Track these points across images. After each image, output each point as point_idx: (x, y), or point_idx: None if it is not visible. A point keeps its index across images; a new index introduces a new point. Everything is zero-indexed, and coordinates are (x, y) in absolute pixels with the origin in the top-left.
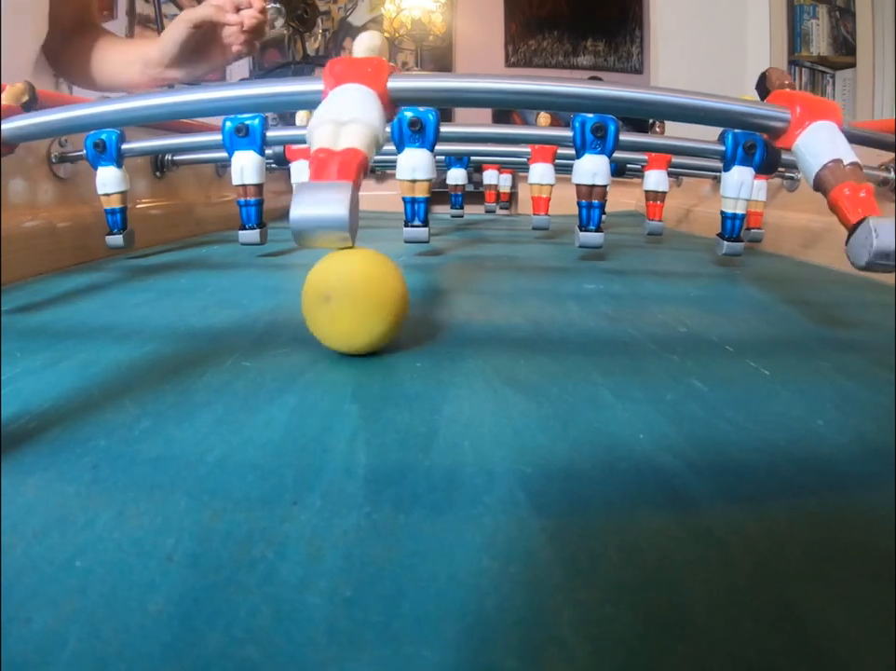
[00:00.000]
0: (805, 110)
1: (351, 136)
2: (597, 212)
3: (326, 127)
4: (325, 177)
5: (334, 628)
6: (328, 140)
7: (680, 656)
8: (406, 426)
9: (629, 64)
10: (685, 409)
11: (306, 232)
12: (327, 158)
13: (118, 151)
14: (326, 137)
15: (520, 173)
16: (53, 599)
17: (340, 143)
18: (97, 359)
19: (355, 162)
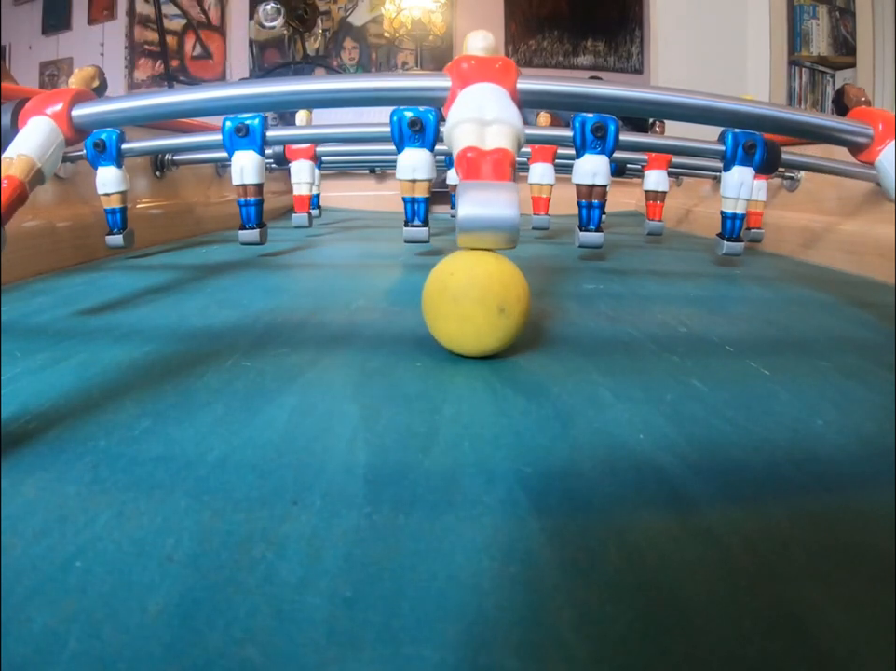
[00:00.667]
0: (886, 127)
1: (499, 136)
2: (597, 211)
3: (469, 126)
4: (480, 176)
5: (334, 628)
6: (474, 139)
7: (680, 656)
8: (406, 426)
9: (629, 64)
10: (685, 409)
11: (475, 232)
12: (478, 158)
13: (118, 151)
14: (471, 136)
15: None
16: (53, 599)
17: (488, 143)
18: (97, 359)
19: (507, 162)
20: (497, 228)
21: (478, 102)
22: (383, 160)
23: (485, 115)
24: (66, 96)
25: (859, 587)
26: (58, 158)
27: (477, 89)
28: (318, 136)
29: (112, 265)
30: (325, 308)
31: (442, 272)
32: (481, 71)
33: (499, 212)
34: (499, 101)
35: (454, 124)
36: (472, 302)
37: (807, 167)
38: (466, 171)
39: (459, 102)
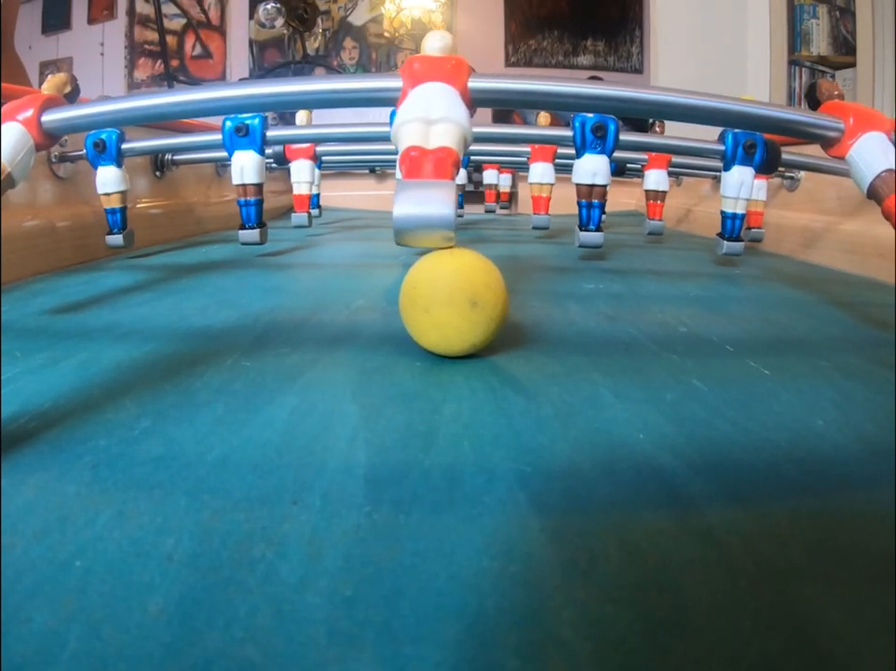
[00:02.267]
0: (858, 121)
1: (443, 135)
2: (597, 211)
3: (414, 125)
4: (421, 175)
5: (334, 628)
6: (418, 138)
7: (680, 656)
8: (406, 425)
9: (629, 64)
10: (685, 409)
11: (410, 231)
12: (420, 157)
13: (118, 151)
14: (416, 135)
15: (520, 173)
16: (53, 599)
17: (432, 142)
18: (97, 359)
19: (450, 161)
20: (432, 226)
21: (425, 102)
22: (383, 160)
23: (431, 114)
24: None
25: (859, 587)
26: (28, 163)
27: (425, 88)
28: (318, 136)
29: (112, 265)
30: (325, 308)
31: (407, 287)
32: (432, 70)
33: (434, 211)
34: (447, 100)
35: (399, 123)
36: (442, 307)
37: (808, 167)
38: (407, 170)
39: (407, 102)
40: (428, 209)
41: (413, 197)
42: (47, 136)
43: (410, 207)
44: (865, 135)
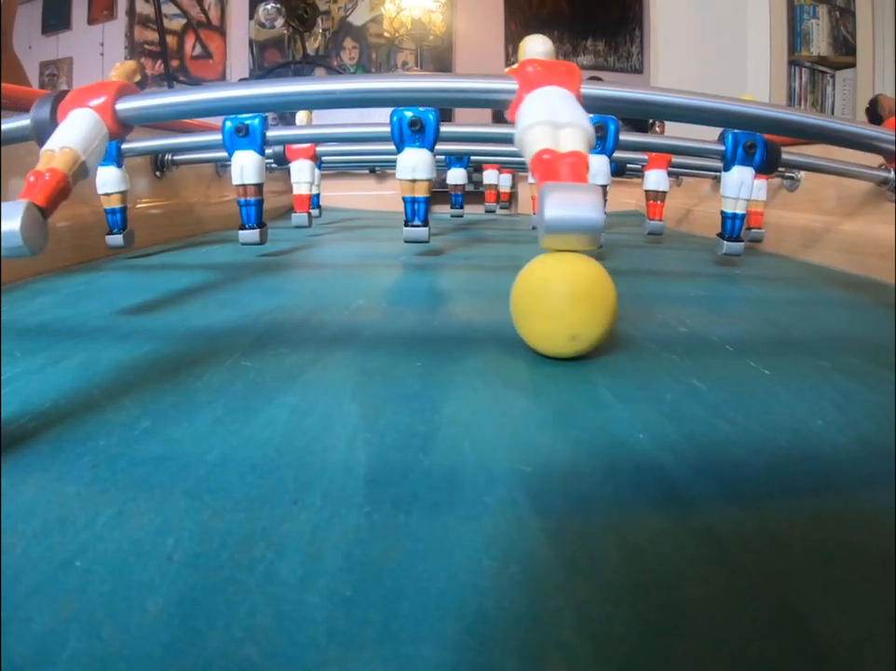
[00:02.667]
0: None
1: (573, 139)
2: None
3: (542, 128)
4: (559, 178)
5: (334, 628)
6: (548, 141)
7: (680, 656)
8: (406, 426)
9: (629, 64)
10: (685, 409)
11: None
12: (554, 160)
13: (118, 150)
14: (546, 138)
15: (520, 173)
16: (53, 599)
17: (563, 146)
18: (97, 359)
19: (583, 165)
20: (584, 230)
21: (549, 105)
22: (383, 160)
23: (558, 118)
24: (111, 89)
25: (859, 587)
26: (101, 153)
27: (546, 92)
28: (318, 136)
29: (112, 265)
30: (325, 308)
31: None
32: (549, 75)
33: (586, 214)
34: (571, 105)
35: (527, 126)
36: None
37: (808, 167)
38: (543, 173)
39: (529, 105)
40: (581, 212)
41: (563, 200)
42: (120, 125)
43: (562, 210)
44: None
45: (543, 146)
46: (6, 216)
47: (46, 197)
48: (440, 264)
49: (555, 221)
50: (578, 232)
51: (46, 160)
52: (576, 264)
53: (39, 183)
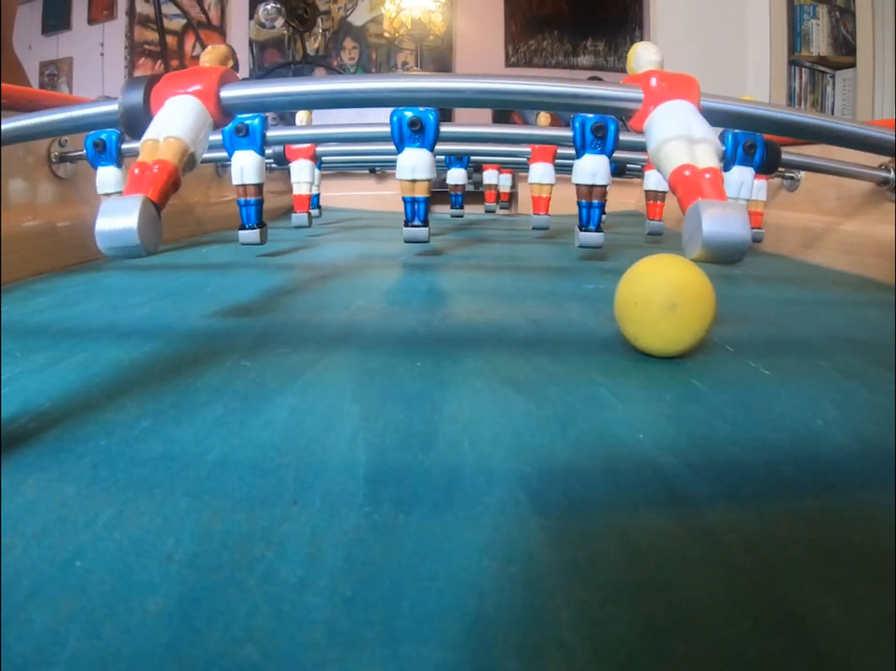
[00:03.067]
0: None
1: (708, 155)
2: (597, 211)
3: (679, 143)
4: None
5: (334, 628)
6: (687, 157)
7: (680, 656)
8: (406, 426)
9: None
10: (685, 409)
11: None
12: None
13: (118, 151)
14: (684, 154)
15: (520, 173)
16: (53, 599)
17: (699, 161)
18: (97, 359)
19: (721, 181)
20: (736, 245)
21: (682, 120)
22: (383, 160)
23: (693, 133)
24: (213, 75)
25: (859, 587)
26: (206, 143)
27: (676, 106)
28: (318, 136)
29: (112, 265)
30: (325, 308)
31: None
32: (674, 87)
33: (739, 231)
34: (699, 119)
35: (663, 140)
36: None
37: (808, 167)
38: (685, 188)
39: (663, 119)
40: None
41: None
42: (224, 113)
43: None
44: None
45: (683, 162)
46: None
47: (158, 191)
48: (440, 264)
49: (713, 236)
50: (731, 247)
51: (149, 151)
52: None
53: (148, 175)
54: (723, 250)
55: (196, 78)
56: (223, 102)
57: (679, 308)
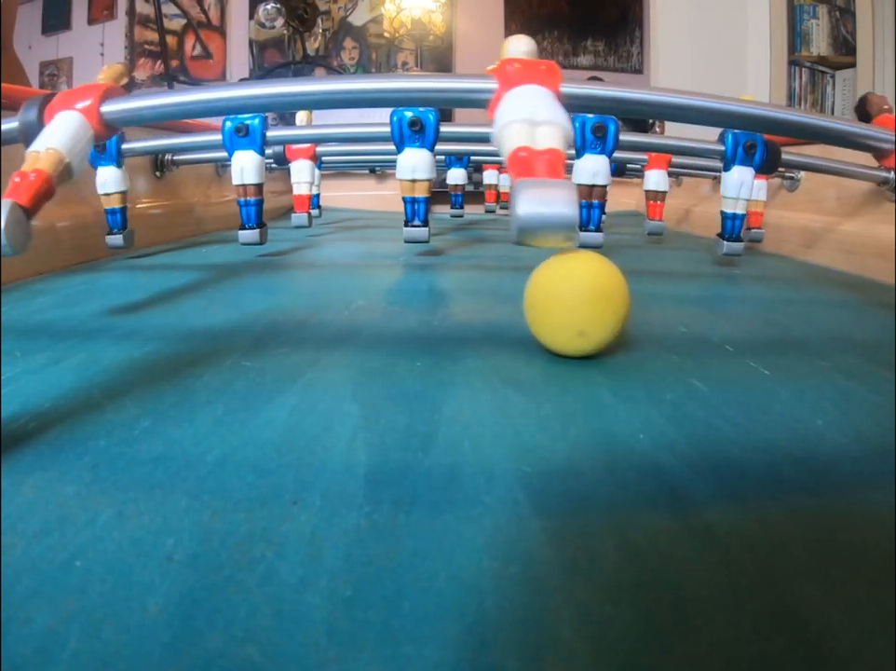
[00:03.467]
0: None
1: (550, 137)
2: (597, 211)
3: (519, 126)
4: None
5: (334, 628)
6: (525, 139)
7: (680, 656)
8: (406, 426)
9: (629, 64)
10: (685, 409)
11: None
12: (530, 157)
13: (118, 150)
14: (522, 136)
15: None
16: (53, 599)
17: (539, 143)
18: (97, 359)
19: (560, 163)
20: (557, 226)
21: (528, 104)
22: (383, 160)
23: (536, 116)
24: (97, 91)
25: (859, 587)
26: (86, 154)
27: (524, 90)
28: (318, 136)
29: (112, 265)
30: (325, 308)
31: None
32: (528, 73)
33: (559, 210)
34: (549, 103)
35: (504, 124)
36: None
37: (807, 167)
38: (519, 170)
39: (507, 103)
40: (554, 209)
41: (536, 196)
42: (106, 126)
43: (534, 206)
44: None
45: (519, 144)
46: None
47: (30, 197)
48: (439, 264)
49: (528, 217)
50: (551, 228)
51: (31, 161)
52: (591, 262)
53: (24, 183)
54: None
55: (82, 95)
56: (104, 117)
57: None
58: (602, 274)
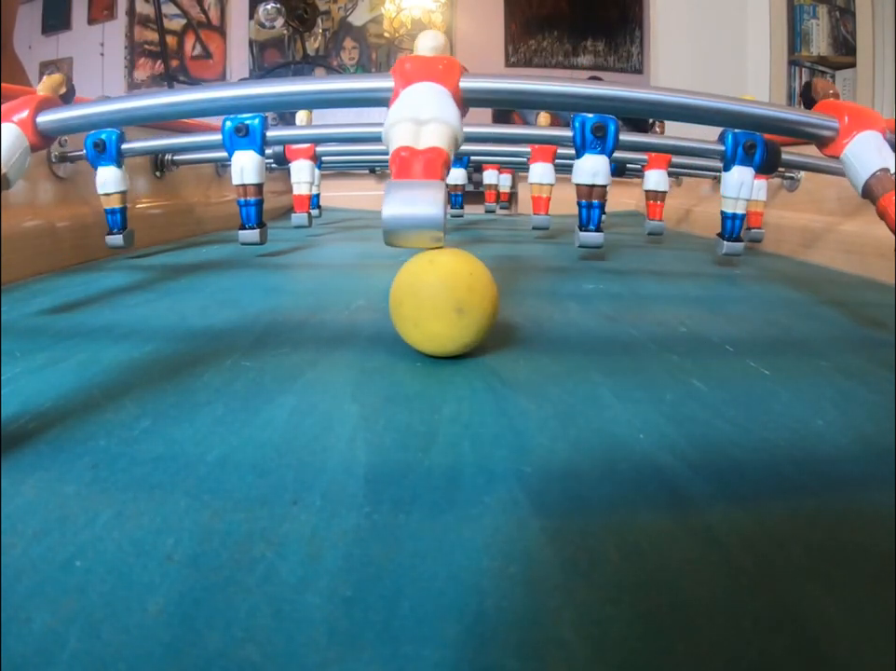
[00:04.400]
0: (852, 120)
1: (433, 135)
2: (597, 211)
3: (405, 125)
4: (411, 176)
5: (334, 628)
6: (408, 138)
7: (680, 656)
8: (406, 426)
9: (629, 64)
10: (685, 409)
11: (399, 231)
12: (410, 157)
13: (118, 151)
14: (406, 135)
15: (520, 173)
16: (53, 599)
17: (422, 142)
18: (97, 359)
19: (440, 161)
20: (422, 227)
21: (416, 102)
22: (383, 160)
23: (422, 114)
24: (32, 103)
25: (859, 587)
26: (23, 164)
27: (417, 88)
28: (318, 136)
29: (112, 265)
30: (325, 308)
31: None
32: (423, 70)
33: (423, 211)
34: (438, 100)
35: (390, 124)
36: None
37: (807, 167)
38: (397, 171)
39: (398, 102)
40: (418, 209)
41: (402, 197)
42: (42, 137)
43: (399, 207)
44: (860, 134)
45: (401, 144)
46: None
47: None
48: None
49: (392, 218)
50: (417, 228)
51: None
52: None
53: None
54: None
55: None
56: (39, 128)
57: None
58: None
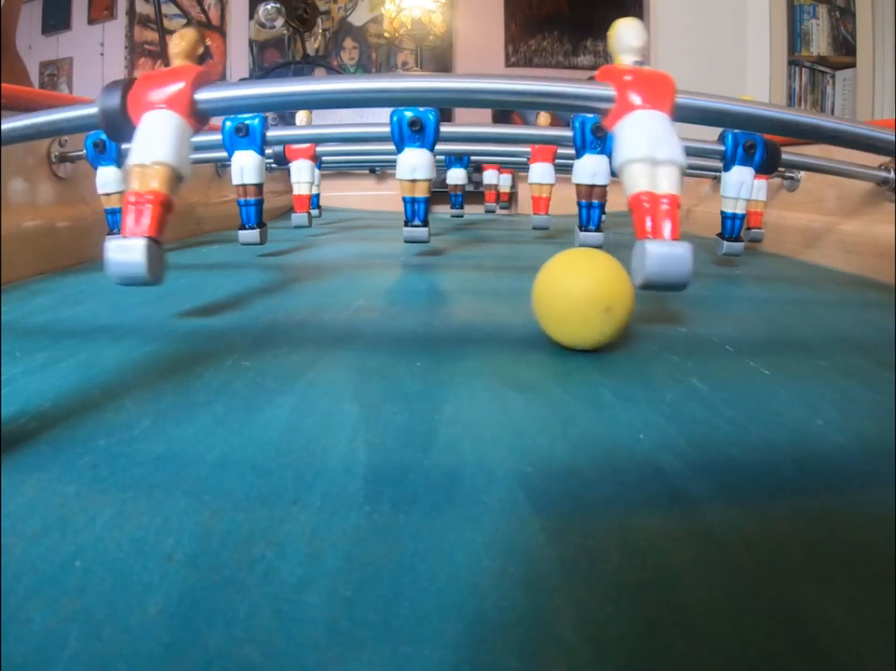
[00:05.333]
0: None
1: (669, 180)
2: (597, 211)
3: (642, 167)
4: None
5: (334, 628)
6: (647, 182)
7: (680, 656)
8: (406, 426)
9: None
10: (685, 409)
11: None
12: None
13: (118, 150)
14: (644, 179)
15: (520, 173)
16: (53, 599)
17: (659, 186)
18: (97, 359)
19: (677, 209)
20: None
21: (650, 137)
22: (383, 160)
23: (657, 153)
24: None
25: (859, 587)
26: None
27: (646, 118)
28: (318, 136)
29: None
30: (325, 308)
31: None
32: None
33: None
34: (668, 136)
35: (628, 161)
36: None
37: (808, 167)
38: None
39: (629, 133)
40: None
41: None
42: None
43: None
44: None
45: (641, 188)
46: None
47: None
48: (440, 264)
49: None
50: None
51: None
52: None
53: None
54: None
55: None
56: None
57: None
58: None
